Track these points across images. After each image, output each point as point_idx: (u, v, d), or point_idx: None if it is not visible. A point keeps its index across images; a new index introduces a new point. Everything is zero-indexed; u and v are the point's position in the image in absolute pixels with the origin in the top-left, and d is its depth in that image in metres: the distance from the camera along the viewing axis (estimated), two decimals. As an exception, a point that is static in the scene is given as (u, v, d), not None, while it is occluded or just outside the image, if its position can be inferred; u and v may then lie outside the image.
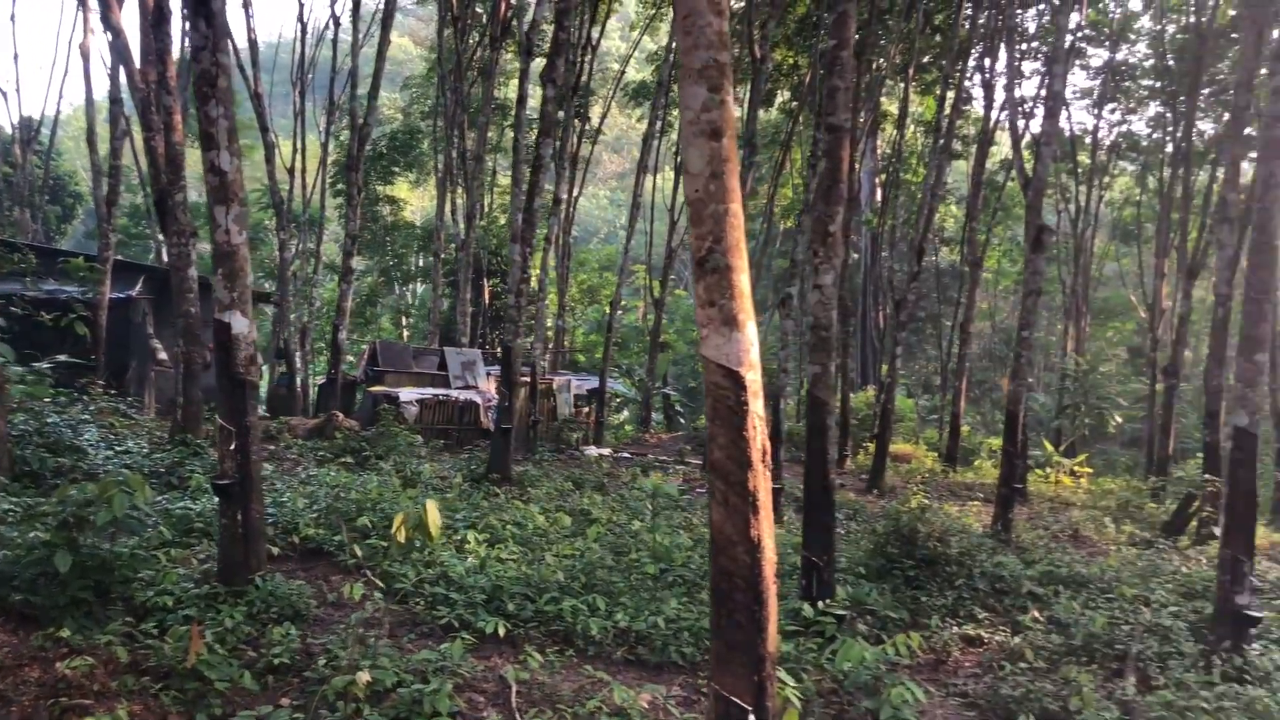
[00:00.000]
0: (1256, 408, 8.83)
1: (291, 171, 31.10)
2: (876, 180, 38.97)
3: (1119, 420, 28.85)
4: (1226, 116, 22.66)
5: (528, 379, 20.41)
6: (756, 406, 4.45)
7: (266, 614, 6.83)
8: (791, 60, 29.80)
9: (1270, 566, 11.96)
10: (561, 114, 25.57)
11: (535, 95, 26.31)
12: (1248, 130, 17.36)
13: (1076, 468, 24.13)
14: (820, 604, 7.58)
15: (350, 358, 32.50)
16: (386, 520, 9.00)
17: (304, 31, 30.68)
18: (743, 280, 4.51)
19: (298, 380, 29.58)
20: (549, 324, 30.54)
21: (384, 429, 16.11)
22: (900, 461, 24.76)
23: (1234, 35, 23.57)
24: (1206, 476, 15.50)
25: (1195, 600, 9.76)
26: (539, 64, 19.85)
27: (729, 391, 4.42)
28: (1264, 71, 14.74)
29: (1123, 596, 9.73)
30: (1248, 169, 19.33)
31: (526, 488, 13.91)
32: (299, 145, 31.36)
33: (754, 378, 4.45)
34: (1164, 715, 6.43)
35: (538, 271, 25.43)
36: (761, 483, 4.45)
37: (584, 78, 30.94)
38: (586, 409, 26.60)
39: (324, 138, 32.69)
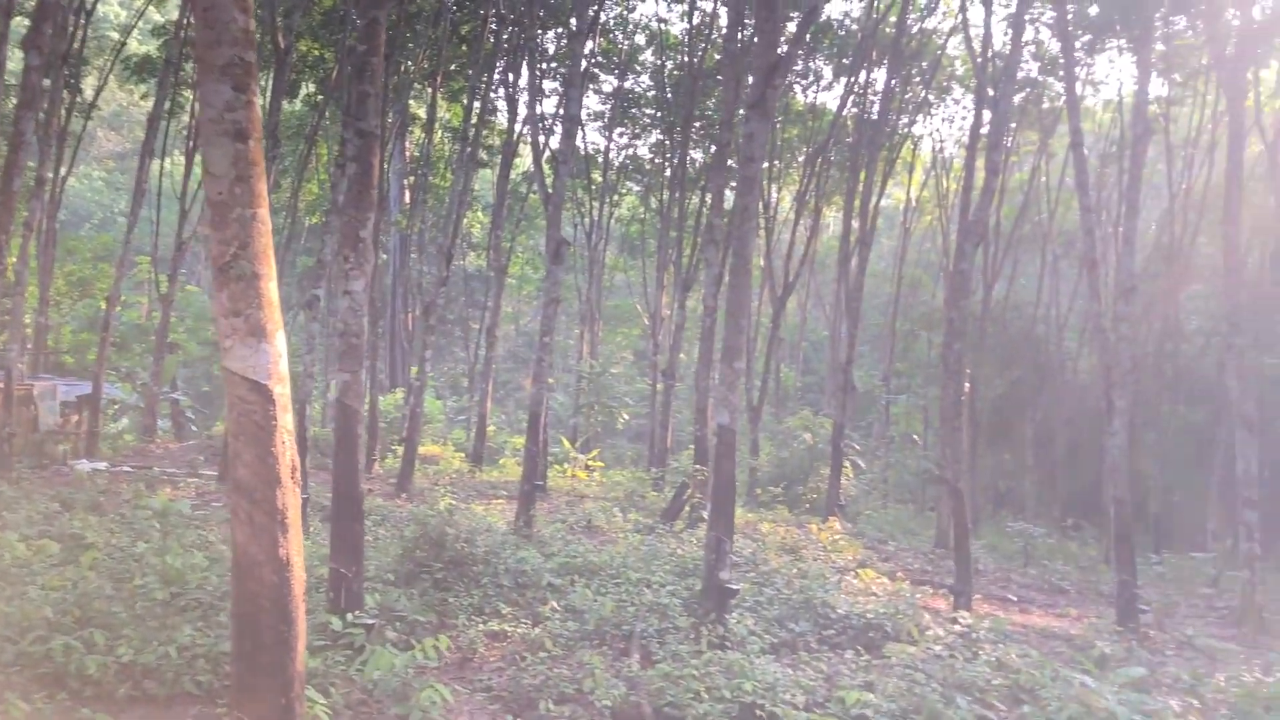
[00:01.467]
0: (735, 407, 10.23)
1: None
2: (405, 182, 39.02)
3: (627, 417, 31.68)
4: (714, 149, 25.75)
5: (1, 385, 17.75)
6: (286, 421, 4.31)
7: None
8: (318, 52, 28.79)
9: (746, 544, 13.86)
10: (48, 83, 22.44)
11: (15, 59, 22.79)
12: (730, 163, 19.93)
13: (591, 462, 26.05)
14: (349, 615, 7.46)
15: None
16: None
17: None
18: (271, 288, 4.34)
19: None
20: (28, 321, 26.56)
21: None
22: (429, 463, 25.03)
23: (720, 78, 26.87)
24: (697, 466, 17.55)
25: (688, 578, 11.04)
26: (20, 23, 17.28)
27: (256, 406, 4.23)
28: (741, 113, 17.03)
29: (628, 580, 10.75)
30: (730, 196, 22.19)
31: (1, 512, 12.04)
32: None
33: (283, 391, 4.30)
34: (663, 686, 7.23)
35: (15, 261, 21.99)
36: (291, 500, 4.31)
37: (76, 45, 27.38)
38: (76, 418, 23.62)
39: None
